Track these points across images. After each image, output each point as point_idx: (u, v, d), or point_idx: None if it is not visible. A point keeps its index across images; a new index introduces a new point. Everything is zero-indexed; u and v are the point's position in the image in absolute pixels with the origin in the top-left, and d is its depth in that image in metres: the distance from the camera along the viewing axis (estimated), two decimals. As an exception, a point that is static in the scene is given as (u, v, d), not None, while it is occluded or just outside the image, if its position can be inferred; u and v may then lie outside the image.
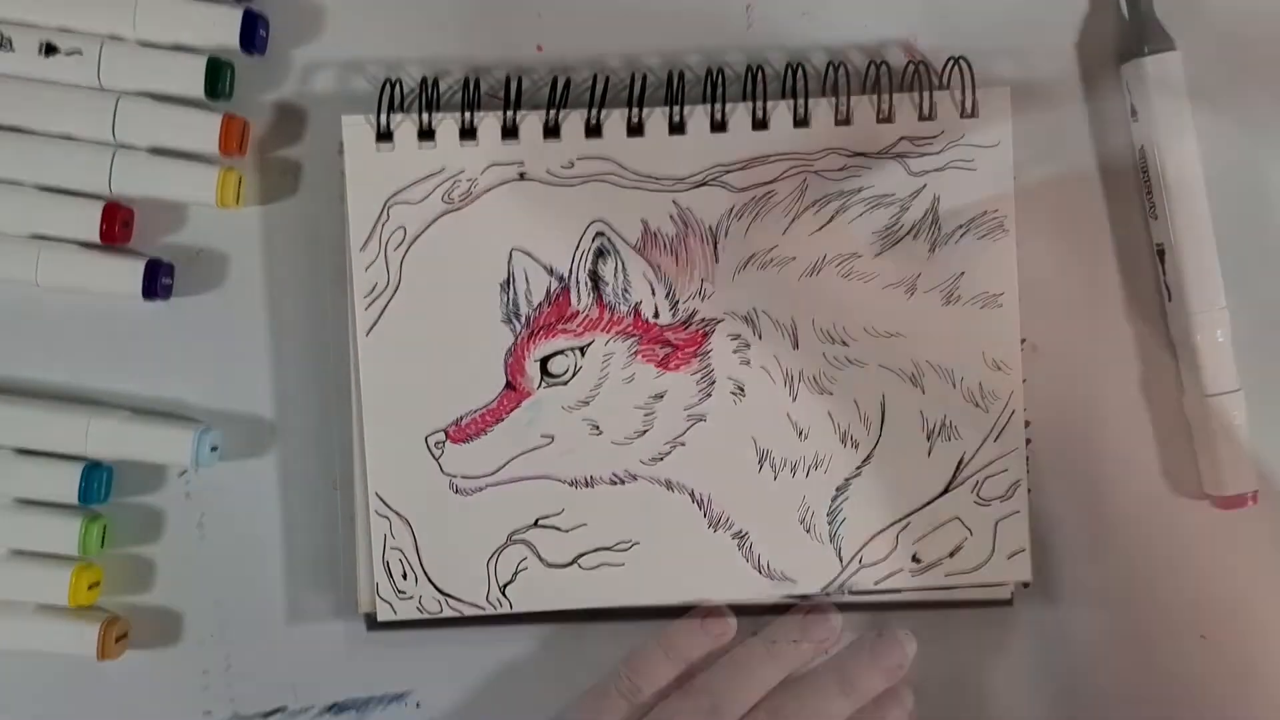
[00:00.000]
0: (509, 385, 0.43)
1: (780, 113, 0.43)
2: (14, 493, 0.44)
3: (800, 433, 0.43)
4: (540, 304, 0.43)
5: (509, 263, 0.43)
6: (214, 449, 0.44)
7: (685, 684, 0.43)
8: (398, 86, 0.43)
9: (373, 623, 0.44)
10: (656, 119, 0.43)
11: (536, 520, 0.43)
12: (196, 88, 0.43)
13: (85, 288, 0.44)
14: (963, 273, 0.43)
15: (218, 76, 0.43)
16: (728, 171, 0.43)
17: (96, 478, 0.44)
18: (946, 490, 0.43)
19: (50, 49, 0.42)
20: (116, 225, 0.43)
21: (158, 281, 0.43)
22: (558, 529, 0.43)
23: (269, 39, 0.44)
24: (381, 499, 0.43)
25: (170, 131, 0.43)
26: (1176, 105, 0.43)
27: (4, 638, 0.44)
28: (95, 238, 0.43)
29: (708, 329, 0.43)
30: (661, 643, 0.43)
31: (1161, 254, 0.44)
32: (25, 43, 0.42)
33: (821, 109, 0.43)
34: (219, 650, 0.45)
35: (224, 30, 0.43)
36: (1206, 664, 0.44)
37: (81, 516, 0.44)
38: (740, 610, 0.44)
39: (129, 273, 0.43)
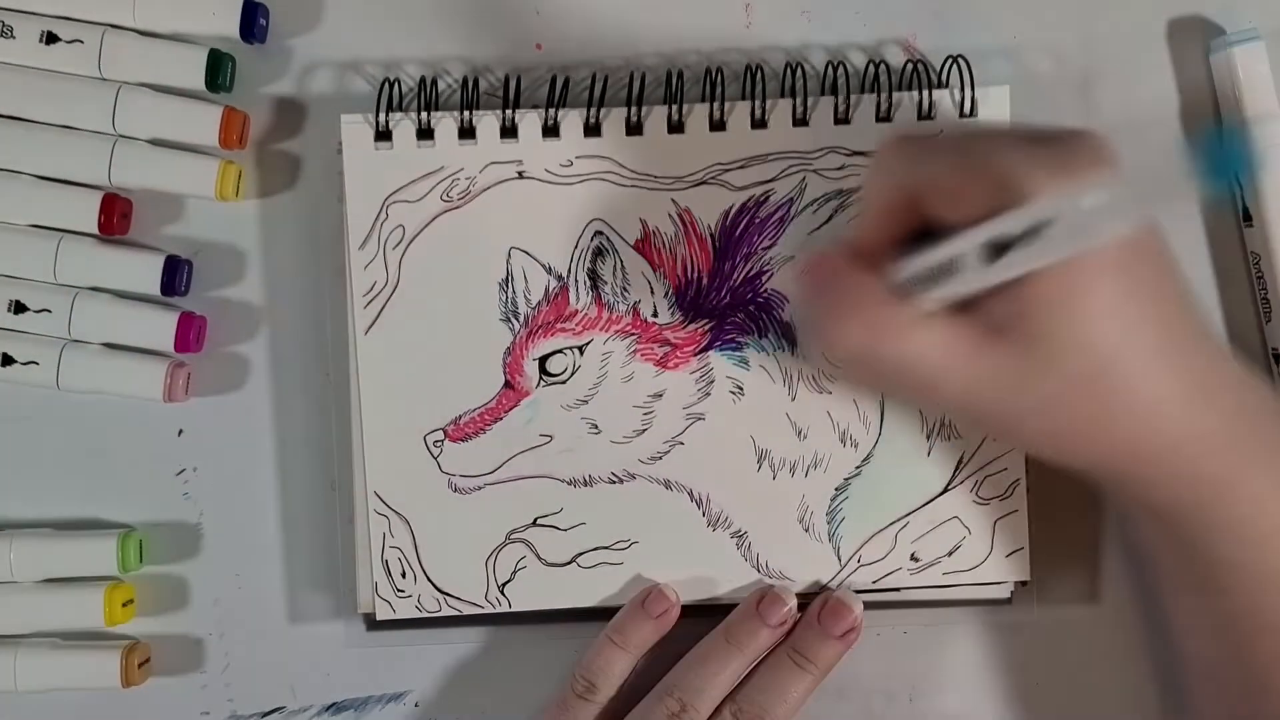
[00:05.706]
0: (507, 384, 0.43)
1: (779, 112, 0.43)
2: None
3: (799, 432, 0.43)
4: (539, 303, 0.43)
5: (507, 261, 0.43)
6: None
7: (653, 684, 0.42)
8: (396, 85, 0.43)
9: (372, 623, 0.44)
10: (656, 118, 0.43)
11: (535, 519, 0.43)
12: (197, 79, 0.43)
13: (102, 285, 0.44)
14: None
15: (218, 69, 0.43)
16: (727, 170, 0.43)
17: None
18: (946, 489, 0.43)
19: (51, 38, 0.42)
20: (115, 216, 0.43)
21: (177, 276, 0.43)
22: (556, 528, 0.43)
23: (269, 28, 0.44)
24: (380, 498, 0.43)
25: (170, 123, 0.43)
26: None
27: (26, 678, 0.43)
28: (93, 228, 0.43)
29: (706, 328, 0.43)
30: (610, 635, 0.43)
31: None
32: (26, 31, 0.42)
33: (821, 108, 0.43)
34: (217, 649, 0.45)
35: (224, 18, 0.42)
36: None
37: (116, 535, 0.43)
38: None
39: (148, 269, 0.43)
